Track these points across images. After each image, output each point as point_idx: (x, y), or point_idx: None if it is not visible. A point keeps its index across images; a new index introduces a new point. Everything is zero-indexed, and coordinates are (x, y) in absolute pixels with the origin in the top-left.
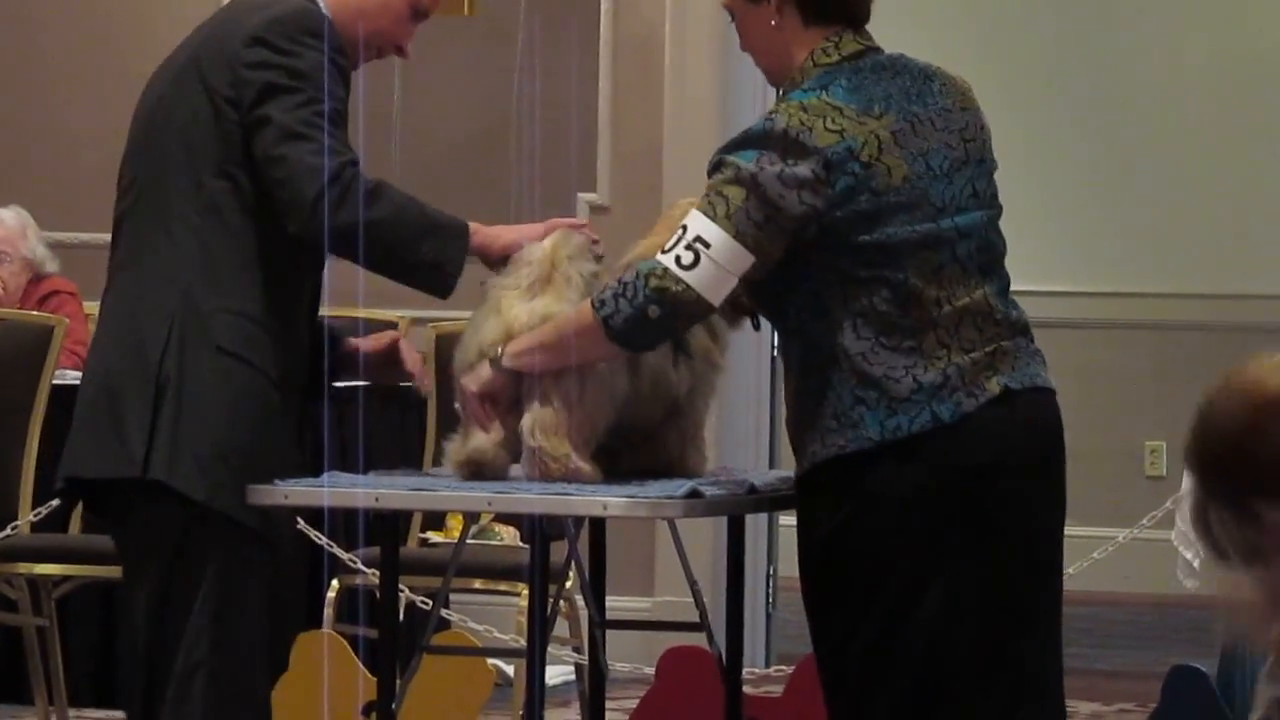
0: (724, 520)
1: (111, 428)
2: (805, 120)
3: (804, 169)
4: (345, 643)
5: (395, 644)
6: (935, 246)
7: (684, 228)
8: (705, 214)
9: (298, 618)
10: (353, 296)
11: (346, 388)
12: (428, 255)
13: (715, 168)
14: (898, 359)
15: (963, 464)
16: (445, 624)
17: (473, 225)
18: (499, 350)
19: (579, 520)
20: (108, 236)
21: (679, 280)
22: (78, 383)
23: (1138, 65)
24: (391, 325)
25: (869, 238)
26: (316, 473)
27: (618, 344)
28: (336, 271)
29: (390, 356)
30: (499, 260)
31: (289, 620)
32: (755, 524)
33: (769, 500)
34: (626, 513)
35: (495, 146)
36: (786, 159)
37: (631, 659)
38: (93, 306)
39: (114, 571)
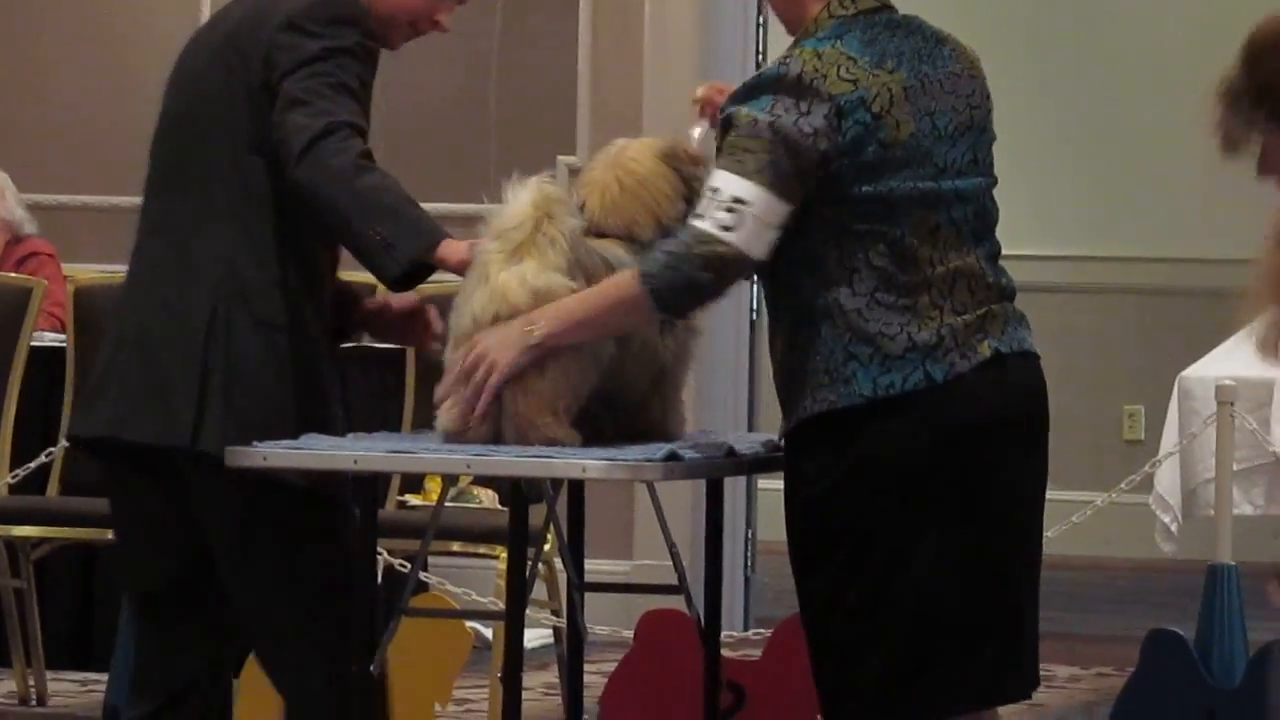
0: (702, 483)
1: (155, 393)
2: (819, 67)
3: (816, 115)
4: None
5: (374, 607)
6: (933, 206)
7: (714, 190)
8: (735, 172)
9: None
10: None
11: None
12: (382, 234)
13: (729, 121)
14: (893, 316)
15: (953, 425)
16: (423, 587)
17: (447, 239)
18: (534, 331)
19: (558, 483)
20: (87, 199)
21: (724, 243)
22: (56, 344)
23: (1121, 28)
24: (370, 288)
25: (870, 189)
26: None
27: (665, 313)
28: None
29: (419, 319)
30: (457, 272)
31: None
32: (734, 487)
33: (748, 463)
34: (605, 475)
35: (474, 109)
36: (799, 104)
37: (610, 622)
38: (71, 269)
39: (92, 534)
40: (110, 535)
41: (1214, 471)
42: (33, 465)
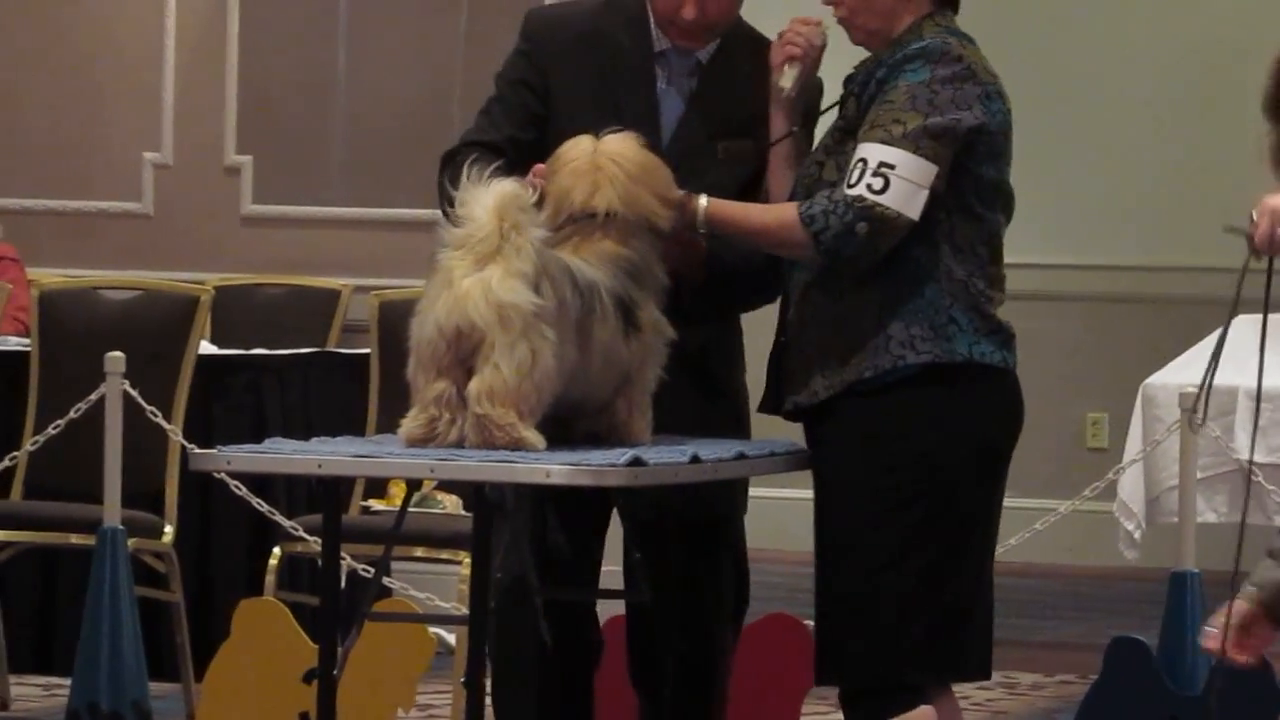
0: None
1: None
2: (973, 53)
3: (970, 93)
4: (286, 610)
5: (337, 611)
6: (1010, 210)
7: (864, 161)
8: (885, 141)
9: (239, 585)
10: (293, 265)
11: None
12: None
13: (881, 93)
14: (984, 300)
15: (1017, 411)
16: (386, 592)
17: None
18: (698, 218)
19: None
20: (52, 203)
21: (879, 204)
22: (20, 348)
23: (1077, 38)
24: (334, 293)
25: (994, 174)
26: (259, 438)
27: (827, 258)
28: (277, 240)
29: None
30: None
31: (230, 591)
32: None
33: (711, 469)
34: (569, 481)
35: (440, 113)
36: (955, 80)
37: None
38: (35, 273)
39: (55, 538)
40: (72, 539)
41: (1177, 479)
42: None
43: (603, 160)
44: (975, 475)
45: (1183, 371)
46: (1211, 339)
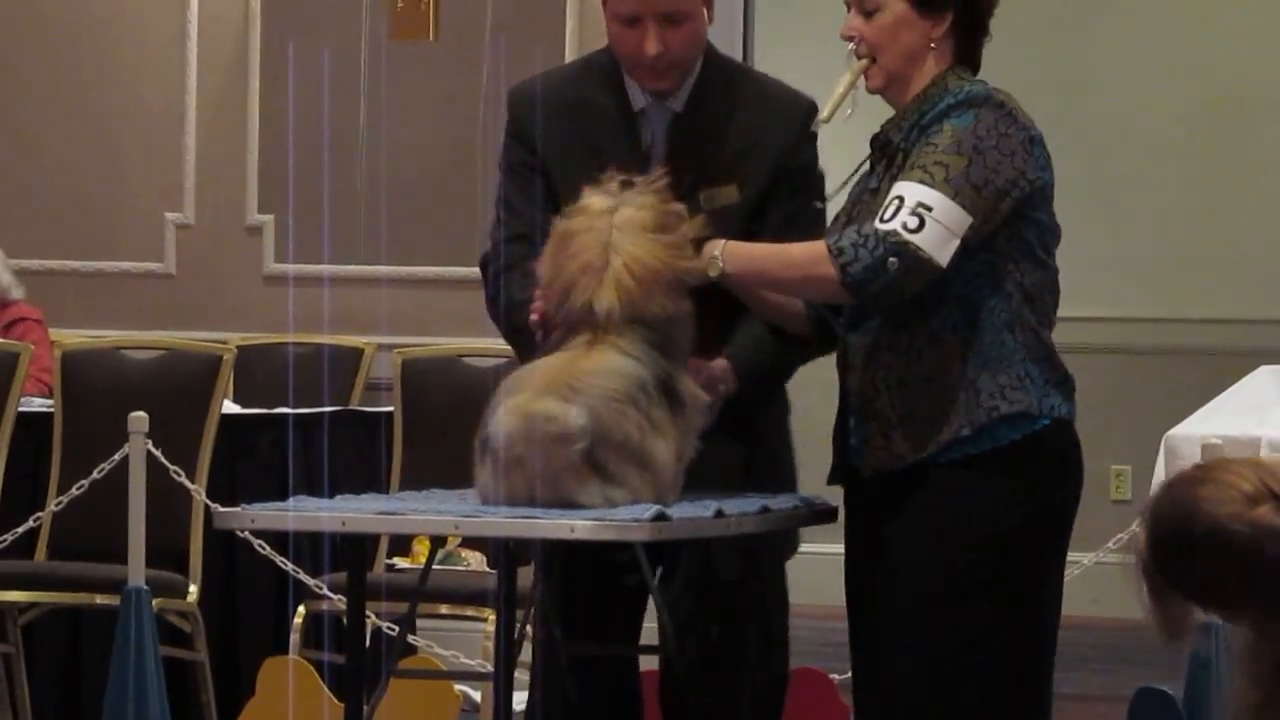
0: None
1: None
2: (1013, 102)
3: (1015, 139)
4: (312, 668)
5: (362, 669)
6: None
7: (900, 199)
8: (924, 183)
9: (264, 644)
10: (316, 323)
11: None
12: None
13: (929, 133)
14: (1050, 349)
15: (1081, 472)
16: (412, 649)
17: None
18: (717, 263)
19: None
20: (74, 263)
21: (912, 242)
22: (44, 409)
23: (1095, 91)
24: (357, 351)
25: (1047, 217)
26: (282, 497)
27: (850, 292)
28: (300, 299)
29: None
30: None
31: (256, 646)
32: None
33: (735, 524)
34: (593, 536)
35: (462, 170)
36: (1000, 125)
37: None
38: (58, 333)
39: (79, 598)
40: (97, 599)
41: None
42: (20, 530)
43: (614, 258)
44: (1050, 549)
45: (1205, 423)
46: (1233, 390)
